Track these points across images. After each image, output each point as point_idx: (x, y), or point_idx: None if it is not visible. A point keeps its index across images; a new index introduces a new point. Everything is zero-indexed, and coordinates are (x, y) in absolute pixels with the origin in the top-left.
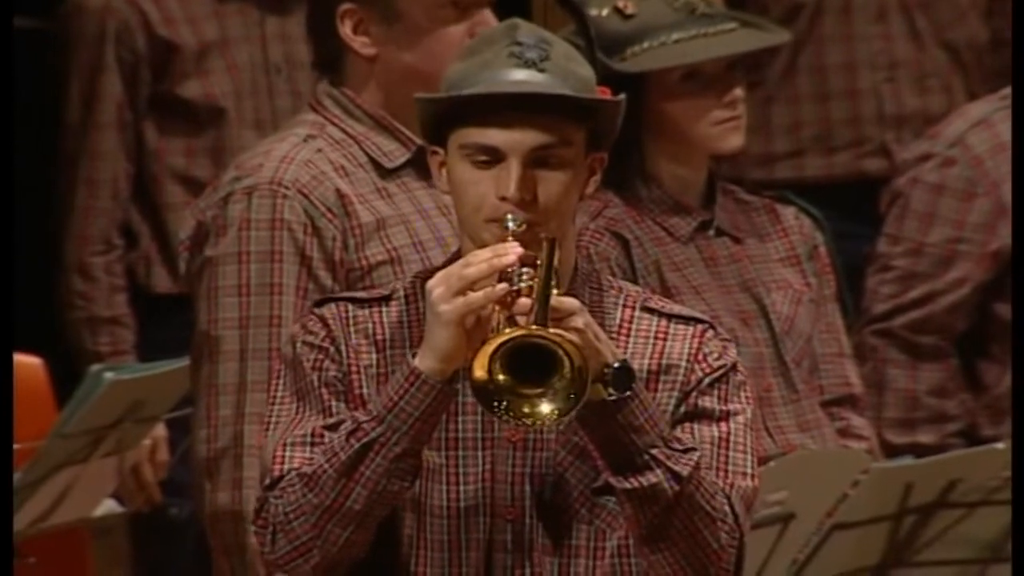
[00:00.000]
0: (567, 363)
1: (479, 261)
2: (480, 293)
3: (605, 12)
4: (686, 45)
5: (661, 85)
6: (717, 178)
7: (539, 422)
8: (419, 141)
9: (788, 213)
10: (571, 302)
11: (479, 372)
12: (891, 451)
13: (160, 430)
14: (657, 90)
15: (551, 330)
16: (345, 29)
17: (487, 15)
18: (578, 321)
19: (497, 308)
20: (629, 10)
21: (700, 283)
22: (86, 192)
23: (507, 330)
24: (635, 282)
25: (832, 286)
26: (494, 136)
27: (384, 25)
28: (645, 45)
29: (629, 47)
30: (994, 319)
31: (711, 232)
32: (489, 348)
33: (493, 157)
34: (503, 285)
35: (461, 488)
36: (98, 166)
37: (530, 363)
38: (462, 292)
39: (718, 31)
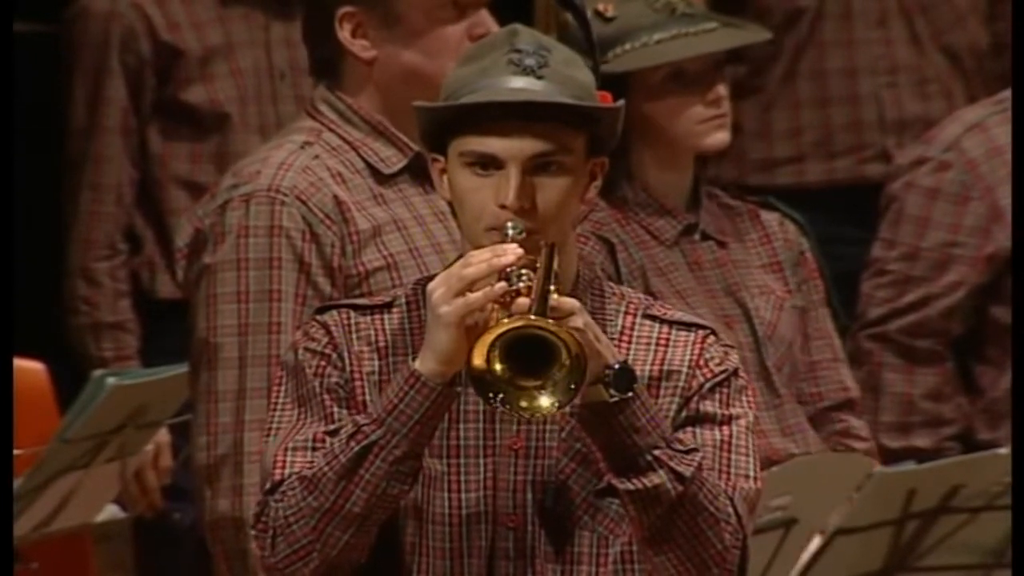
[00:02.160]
0: (564, 352)
1: (478, 261)
2: (479, 293)
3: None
4: (668, 45)
5: (645, 86)
6: (702, 181)
7: (538, 415)
8: (416, 147)
9: (771, 219)
10: (571, 302)
11: (477, 360)
12: (887, 455)
13: (163, 435)
14: (641, 91)
15: (550, 321)
16: (344, 32)
17: (484, 15)
18: (578, 321)
19: (496, 308)
20: (609, 13)
21: (684, 287)
22: (90, 197)
23: (505, 320)
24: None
25: (820, 292)
26: (493, 144)
27: (383, 28)
28: (627, 46)
29: (611, 49)
30: (990, 322)
31: (696, 236)
32: (489, 337)
33: (492, 165)
34: (502, 284)
35: (463, 496)
36: (102, 171)
37: (527, 357)
38: (462, 293)
39: (699, 31)
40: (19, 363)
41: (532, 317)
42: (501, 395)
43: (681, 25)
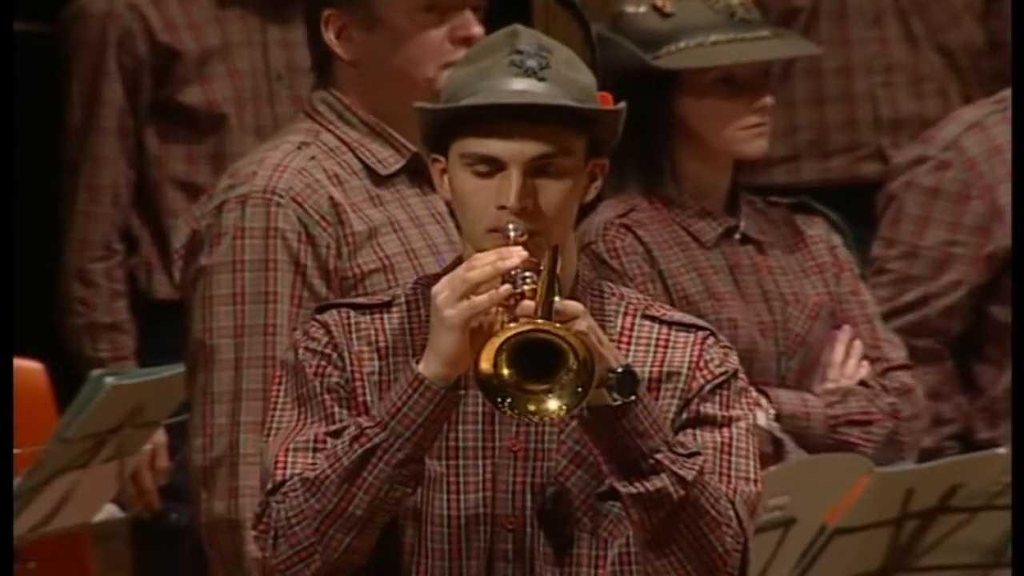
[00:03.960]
0: (572, 356)
1: (483, 264)
2: (484, 296)
3: (643, 9)
4: (725, 47)
5: (694, 86)
6: (739, 184)
7: (546, 419)
8: (414, 148)
9: (810, 223)
10: (575, 306)
11: (485, 365)
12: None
13: (159, 436)
14: (690, 90)
15: (556, 325)
16: (329, 35)
17: (467, 17)
18: (581, 324)
19: (501, 311)
20: (668, 8)
21: (723, 291)
22: (87, 198)
23: (512, 324)
24: (664, 284)
25: (851, 281)
26: (494, 146)
27: (365, 30)
28: (683, 44)
29: (665, 45)
30: (989, 322)
31: (736, 238)
32: (496, 341)
33: (493, 167)
34: (507, 287)
35: (462, 497)
36: (99, 172)
37: (534, 361)
38: (466, 296)
39: (755, 37)
40: (18, 363)
41: (539, 321)
42: (509, 399)
43: (739, 30)
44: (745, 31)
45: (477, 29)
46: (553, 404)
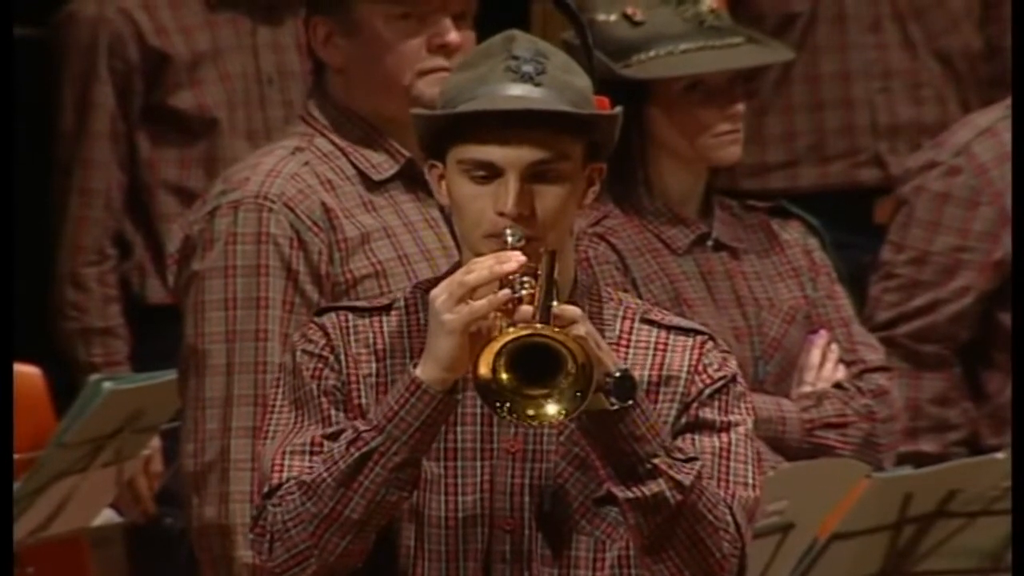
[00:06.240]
0: (571, 361)
1: (481, 268)
2: (483, 300)
3: (613, 18)
4: (694, 56)
5: (664, 94)
6: (714, 191)
7: (545, 423)
8: (408, 153)
9: (786, 227)
10: (572, 310)
11: (483, 370)
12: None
13: (154, 440)
14: (660, 99)
15: (555, 329)
16: (316, 41)
17: (444, 24)
18: (579, 329)
19: (499, 315)
20: (638, 17)
21: (694, 297)
22: (79, 202)
23: (511, 329)
24: (637, 291)
25: (828, 284)
26: (491, 152)
27: (347, 37)
28: (652, 53)
29: (636, 54)
30: (997, 328)
31: (709, 244)
32: (495, 346)
33: (491, 172)
34: (505, 291)
35: (459, 498)
36: (91, 176)
37: (533, 365)
38: (464, 299)
39: (725, 44)
40: (16, 368)
41: (538, 326)
42: (508, 404)
43: (708, 37)
44: (715, 38)
45: (454, 36)
46: (552, 409)
